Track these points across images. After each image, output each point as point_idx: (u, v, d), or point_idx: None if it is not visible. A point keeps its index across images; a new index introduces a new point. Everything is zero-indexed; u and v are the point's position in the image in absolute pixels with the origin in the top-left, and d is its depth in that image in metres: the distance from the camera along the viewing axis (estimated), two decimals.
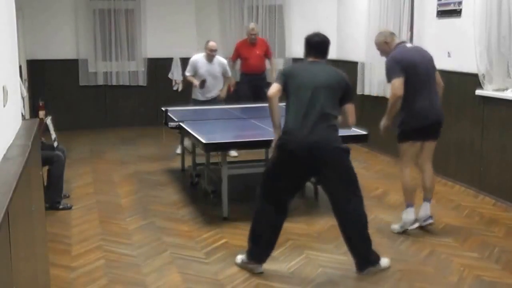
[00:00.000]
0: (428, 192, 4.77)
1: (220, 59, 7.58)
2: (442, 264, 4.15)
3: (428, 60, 4.65)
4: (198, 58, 7.45)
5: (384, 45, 4.74)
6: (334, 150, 3.85)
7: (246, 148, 5.71)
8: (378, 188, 6.11)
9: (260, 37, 8.58)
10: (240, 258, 4.09)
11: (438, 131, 4.69)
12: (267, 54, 8.36)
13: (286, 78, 4.00)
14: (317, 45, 4.47)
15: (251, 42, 8.23)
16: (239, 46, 8.39)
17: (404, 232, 4.71)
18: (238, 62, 8.51)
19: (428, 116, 4.58)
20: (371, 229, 4.82)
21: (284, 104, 4.08)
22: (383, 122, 4.72)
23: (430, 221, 4.71)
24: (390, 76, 4.54)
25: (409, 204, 4.72)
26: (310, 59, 4.23)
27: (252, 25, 8.32)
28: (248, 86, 8.20)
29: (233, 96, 7.98)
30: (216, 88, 7.53)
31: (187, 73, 7.60)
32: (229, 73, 7.66)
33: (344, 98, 3.98)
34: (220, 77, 7.52)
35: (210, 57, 7.39)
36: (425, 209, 4.73)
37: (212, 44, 7.36)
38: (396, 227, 4.78)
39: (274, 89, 3.96)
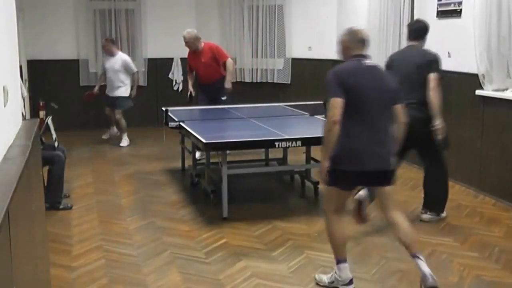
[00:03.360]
0: (409, 247, 3.65)
1: (122, 55, 8.37)
2: (442, 264, 4.15)
3: (386, 88, 3.65)
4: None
5: (346, 49, 3.75)
6: None
7: (246, 148, 5.71)
8: None
9: (210, 42, 7.68)
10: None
11: (386, 178, 3.67)
12: (217, 59, 7.36)
13: None
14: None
15: (193, 51, 7.44)
16: (188, 56, 7.64)
17: None
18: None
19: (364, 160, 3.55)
20: (371, 229, 4.84)
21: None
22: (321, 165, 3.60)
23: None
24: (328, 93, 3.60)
25: (339, 260, 3.70)
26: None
27: (184, 33, 7.41)
28: (206, 96, 7.45)
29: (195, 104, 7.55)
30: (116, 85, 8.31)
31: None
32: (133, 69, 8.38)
33: None
34: (121, 73, 8.28)
35: (108, 52, 8.23)
36: (423, 267, 3.55)
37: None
38: (323, 278, 3.81)
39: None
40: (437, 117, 4.69)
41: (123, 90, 8.46)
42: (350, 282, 3.70)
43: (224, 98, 7.26)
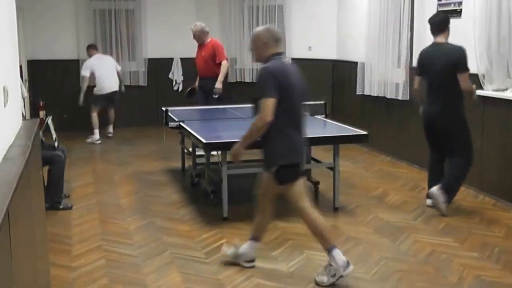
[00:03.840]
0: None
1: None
2: (442, 264, 4.15)
3: (304, 87, 3.90)
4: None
5: (264, 46, 3.78)
6: None
7: (246, 148, 5.69)
8: (378, 188, 6.12)
9: (216, 40, 7.84)
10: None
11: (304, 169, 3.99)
12: (215, 58, 7.47)
13: None
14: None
15: (199, 44, 7.65)
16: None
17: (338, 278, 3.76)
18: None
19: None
20: (371, 229, 4.85)
21: None
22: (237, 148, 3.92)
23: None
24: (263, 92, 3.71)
25: (330, 248, 3.76)
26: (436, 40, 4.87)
27: (192, 26, 7.63)
28: (201, 90, 7.64)
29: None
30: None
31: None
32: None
33: None
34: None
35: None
36: (252, 249, 4.01)
37: None
38: (324, 278, 3.75)
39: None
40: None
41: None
42: (348, 264, 3.74)
43: (215, 96, 7.41)
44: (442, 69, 5.08)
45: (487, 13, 5.49)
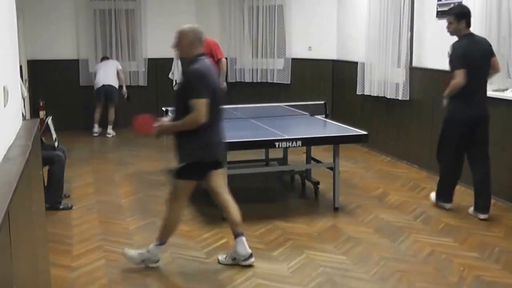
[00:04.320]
0: (238, 226, 4.10)
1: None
2: (442, 264, 4.15)
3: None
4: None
5: (191, 46, 3.89)
6: None
7: (246, 148, 5.70)
8: (378, 188, 6.12)
9: (211, 38, 7.51)
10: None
11: (221, 161, 4.12)
12: (213, 56, 7.33)
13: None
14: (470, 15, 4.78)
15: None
16: None
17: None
18: None
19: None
20: (371, 229, 4.85)
21: None
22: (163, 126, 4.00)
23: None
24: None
25: (163, 241, 4.07)
26: (469, 31, 4.72)
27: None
28: None
29: None
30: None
31: None
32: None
33: None
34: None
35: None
36: (245, 246, 4.09)
37: None
38: (134, 254, 4.11)
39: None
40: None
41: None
42: (251, 256, 4.06)
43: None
44: (487, 63, 4.97)
45: (487, 13, 5.49)
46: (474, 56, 4.92)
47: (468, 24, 4.99)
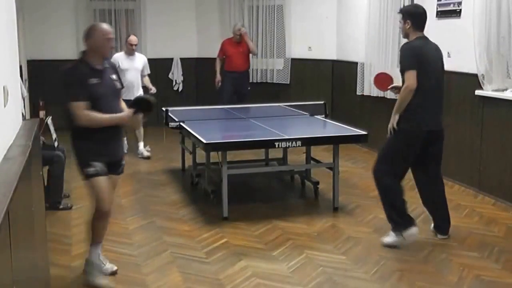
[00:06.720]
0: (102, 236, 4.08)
1: (141, 55, 7.88)
2: (442, 263, 4.15)
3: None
4: (118, 55, 7.50)
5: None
6: None
7: (246, 148, 5.71)
8: None
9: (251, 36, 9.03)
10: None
11: (121, 167, 4.09)
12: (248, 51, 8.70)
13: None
14: (425, 17, 4.52)
15: (236, 40, 8.62)
16: (225, 43, 8.75)
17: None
18: (218, 61, 8.74)
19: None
20: (371, 229, 4.85)
21: None
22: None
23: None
24: None
25: (98, 243, 4.00)
26: (422, 34, 4.45)
27: (238, 25, 8.71)
28: (232, 83, 8.55)
29: (216, 92, 8.62)
30: (137, 86, 7.45)
31: None
32: (148, 71, 7.80)
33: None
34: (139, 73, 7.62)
35: (130, 51, 7.55)
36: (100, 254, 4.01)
37: (132, 38, 7.58)
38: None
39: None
40: None
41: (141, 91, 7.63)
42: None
43: (249, 88, 8.67)
44: (442, 69, 4.47)
45: (487, 13, 5.49)
46: (429, 59, 4.28)
47: (420, 27, 4.37)
